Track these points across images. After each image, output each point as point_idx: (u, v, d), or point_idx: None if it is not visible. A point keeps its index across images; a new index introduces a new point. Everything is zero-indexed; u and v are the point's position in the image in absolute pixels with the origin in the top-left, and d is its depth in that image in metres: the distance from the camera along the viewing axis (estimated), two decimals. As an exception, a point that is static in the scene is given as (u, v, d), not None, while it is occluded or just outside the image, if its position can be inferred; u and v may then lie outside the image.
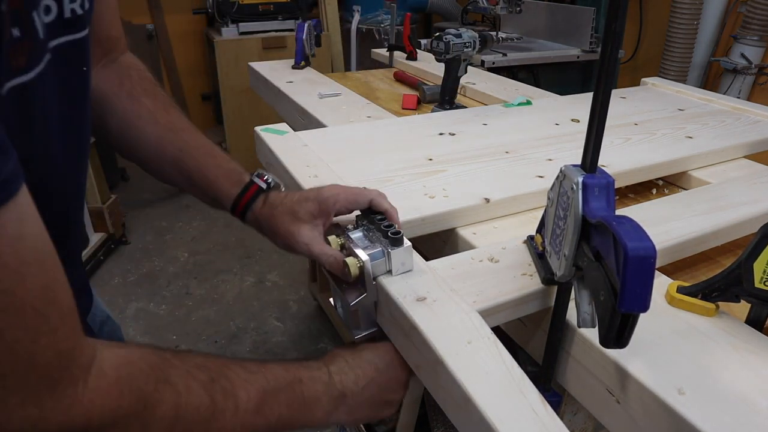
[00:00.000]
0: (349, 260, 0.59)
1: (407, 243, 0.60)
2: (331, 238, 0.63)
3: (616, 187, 0.51)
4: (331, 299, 0.68)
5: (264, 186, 0.66)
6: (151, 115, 0.66)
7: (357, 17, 3.00)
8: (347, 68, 3.08)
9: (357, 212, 0.66)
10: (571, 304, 0.57)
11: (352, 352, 0.60)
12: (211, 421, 0.46)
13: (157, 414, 0.43)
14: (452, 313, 0.55)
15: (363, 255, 0.59)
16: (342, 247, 0.63)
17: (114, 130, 0.66)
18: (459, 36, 1.23)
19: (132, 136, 0.66)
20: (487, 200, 0.79)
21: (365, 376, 0.58)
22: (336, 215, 0.65)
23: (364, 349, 0.61)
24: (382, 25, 3.01)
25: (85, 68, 0.51)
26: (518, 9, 2.26)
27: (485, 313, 0.57)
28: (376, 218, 0.62)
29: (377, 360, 0.60)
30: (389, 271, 0.60)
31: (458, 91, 1.34)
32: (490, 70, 2.19)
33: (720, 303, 0.59)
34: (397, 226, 0.61)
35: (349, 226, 0.65)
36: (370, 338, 0.64)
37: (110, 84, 0.65)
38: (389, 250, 0.59)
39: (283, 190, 0.68)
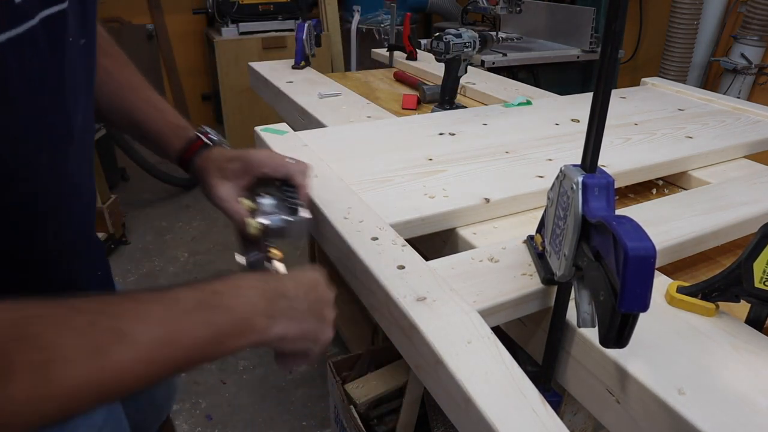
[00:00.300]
0: (250, 221, 0.65)
1: (305, 215, 0.66)
2: (243, 199, 0.69)
3: (616, 187, 0.51)
4: (236, 255, 0.72)
5: (208, 142, 0.72)
6: (107, 74, 0.70)
7: (357, 17, 3.00)
8: (347, 68, 3.08)
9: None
10: (571, 304, 0.57)
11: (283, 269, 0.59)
12: (97, 372, 0.38)
13: (18, 380, 0.35)
14: (452, 313, 0.55)
15: (264, 220, 0.66)
16: (252, 210, 0.69)
17: None
18: (459, 36, 1.23)
19: None
20: (487, 200, 0.79)
21: (303, 285, 0.53)
22: (260, 179, 0.70)
23: (293, 269, 0.57)
24: (382, 25, 3.01)
25: (71, 39, 0.50)
26: (518, 9, 2.26)
27: (485, 313, 0.57)
28: (285, 190, 0.69)
29: (309, 274, 0.55)
30: (282, 237, 0.67)
31: (458, 91, 1.35)
32: (490, 70, 2.19)
33: (720, 303, 0.59)
34: (302, 200, 0.68)
35: (262, 193, 0.71)
36: None
37: None
38: (288, 219, 0.66)
39: (225, 147, 0.73)
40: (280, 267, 0.66)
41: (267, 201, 0.69)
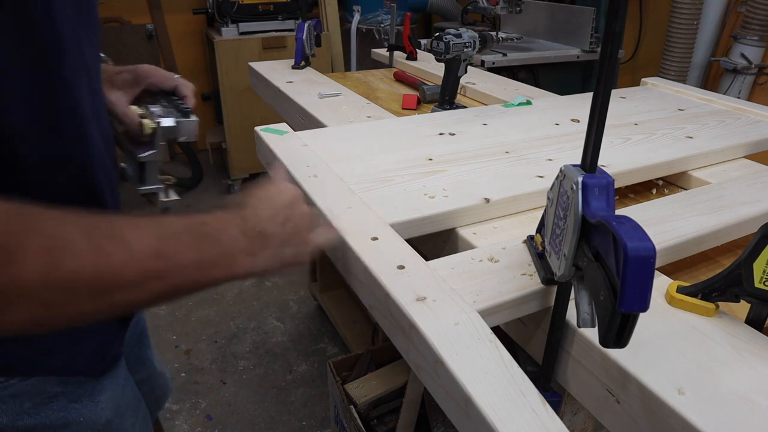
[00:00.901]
0: (145, 121, 0.74)
1: (195, 118, 0.78)
2: (133, 107, 0.77)
3: (616, 187, 0.51)
4: (122, 164, 0.80)
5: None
6: None
7: (357, 17, 3.00)
8: (347, 68, 3.08)
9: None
10: (571, 304, 0.57)
11: (259, 189, 0.57)
12: (97, 266, 0.40)
13: (26, 262, 0.37)
14: (452, 313, 0.55)
15: (159, 120, 0.75)
16: (141, 116, 0.77)
17: None
18: (459, 36, 1.23)
19: None
20: (487, 200, 0.79)
21: (279, 213, 0.54)
22: (146, 89, 0.80)
23: (269, 187, 0.58)
24: (382, 25, 3.01)
25: None
26: (518, 9, 2.26)
27: (485, 313, 0.57)
28: (173, 99, 0.80)
29: (282, 196, 0.57)
30: (176, 139, 0.77)
31: (458, 91, 1.35)
32: (490, 70, 2.19)
33: (720, 303, 0.59)
34: (191, 107, 0.79)
35: (150, 104, 0.80)
36: (152, 194, 0.79)
37: None
38: (179, 120, 0.76)
39: (110, 64, 0.81)
40: (173, 195, 0.80)
41: (156, 109, 0.78)
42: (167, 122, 0.76)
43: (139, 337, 0.82)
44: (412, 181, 0.84)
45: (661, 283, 0.63)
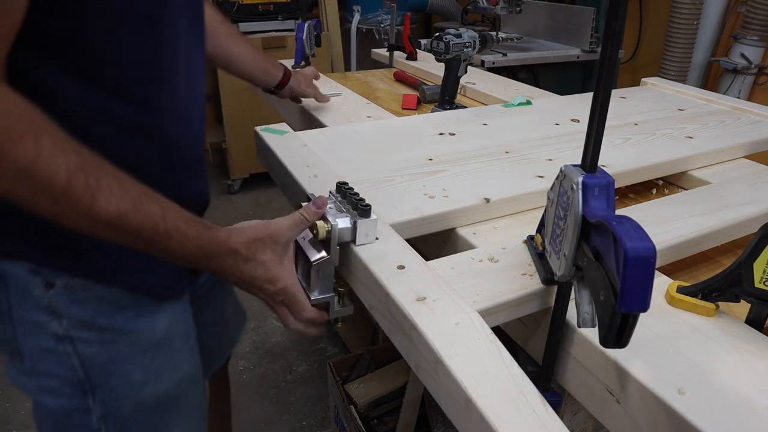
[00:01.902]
0: (319, 223, 0.64)
1: (374, 216, 0.66)
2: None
3: (616, 187, 0.51)
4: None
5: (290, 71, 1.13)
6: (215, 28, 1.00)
7: (357, 17, 3.00)
8: (347, 68, 3.08)
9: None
10: (571, 304, 0.57)
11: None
12: (64, 194, 0.51)
13: (11, 154, 0.47)
14: (452, 313, 0.55)
15: (333, 220, 0.65)
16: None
17: None
18: (459, 36, 1.23)
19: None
20: (487, 200, 0.79)
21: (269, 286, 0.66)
22: None
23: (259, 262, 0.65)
24: (382, 25, 3.01)
25: None
26: (518, 9, 2.26)
27: (485, 313, 0.57)
28: (348, 191, 0.69)
29: (279, 285, 0.66)
30: (353, 240, 0.66)
31: (458, 91, 1.35)
32: (490, 70, 2.19)
33: (720, 303, 0.59)
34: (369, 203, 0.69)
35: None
36: (324, 303, 0.69)
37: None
38: (356, 220, 0.65)
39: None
40: (348, 304, 0.70)
41: (330, 206, 0.68)
42: (344, 223, 0.65)
43: (211, 287, 0.92)
44: (412, 181, 0.84)
45: (661, 283, 0.63)
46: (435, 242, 0.80)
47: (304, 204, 0.67)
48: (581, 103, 1.27)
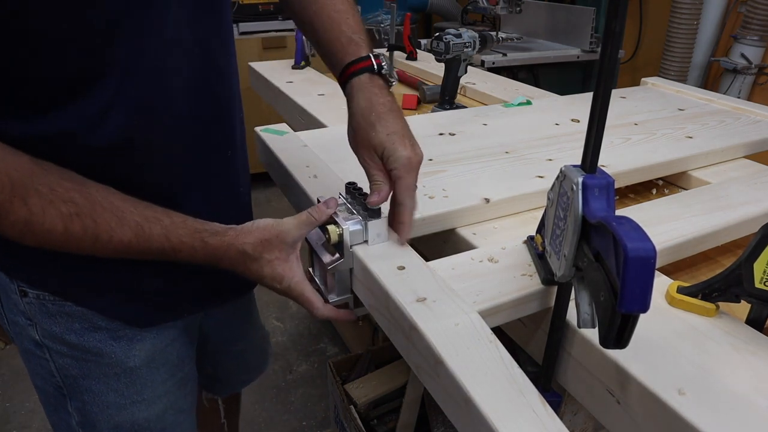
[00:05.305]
0: (330, 227, 0.64)
1: (384, 215, 0.66)
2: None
3: (616, 187, 0.51)
4: (310, 269, 0.73)
5: (375, 67, 0.69)
6: None
7: (357, 17, 2.99)
8: (347, 68, 3.07)
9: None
10: (571, 305, 0.57)
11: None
12: (66, 241, 0.52)
13: (7, 220, 0.49)
14: (452, 313, 0.55)
15: (343, 224, 0.64)
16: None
17: None
18: (459, 36, 1.23)
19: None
20: (487, 200, 0.79)
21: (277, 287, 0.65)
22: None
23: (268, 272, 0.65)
24: (382, 25, 3.00)
25: None
26: (518, 9, 2.26)
27: (485, 314, 0.57)
28: (358, 192, 0.68)
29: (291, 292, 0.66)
30: (365, 241, 0.66)
31: (458, 91, 1.35)
32: (490, 70, 2.19)
33: (720, 303, 0.59)
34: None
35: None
36: (343, 304, 0.69)
37: None
38: (367, 222, 0.65)
39: (392, 83, 0.76)
40: (364, 309, 0.69)
41: (340, 209, 0.68)
42: (354, 226, 0.65)
43: (230, 319, 0.92)
44: (412, 181, 0.83)
45: (661, 284, 0.63)
46: (435, 243, 0.80)
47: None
48: (581, 103, 1.27)
